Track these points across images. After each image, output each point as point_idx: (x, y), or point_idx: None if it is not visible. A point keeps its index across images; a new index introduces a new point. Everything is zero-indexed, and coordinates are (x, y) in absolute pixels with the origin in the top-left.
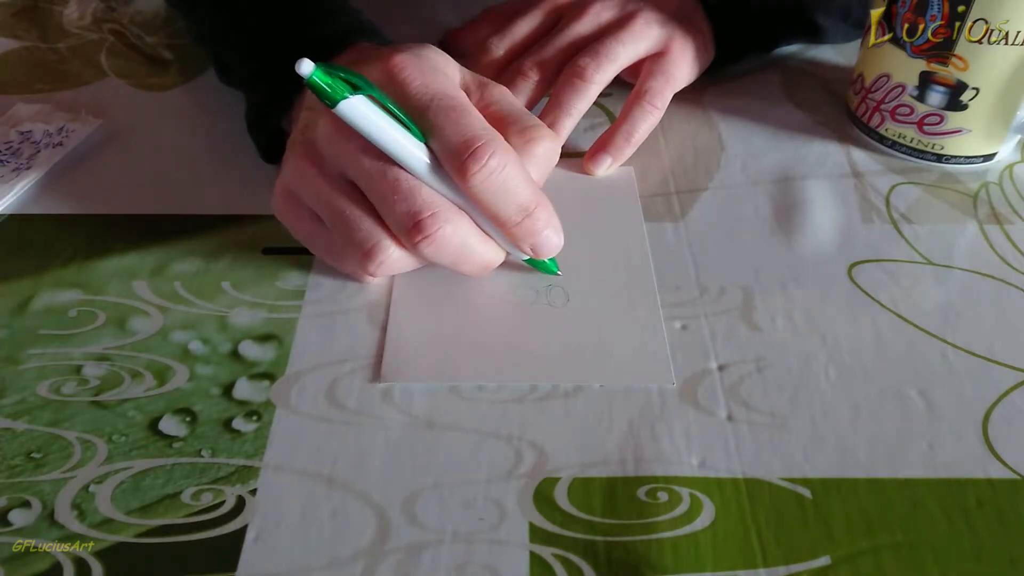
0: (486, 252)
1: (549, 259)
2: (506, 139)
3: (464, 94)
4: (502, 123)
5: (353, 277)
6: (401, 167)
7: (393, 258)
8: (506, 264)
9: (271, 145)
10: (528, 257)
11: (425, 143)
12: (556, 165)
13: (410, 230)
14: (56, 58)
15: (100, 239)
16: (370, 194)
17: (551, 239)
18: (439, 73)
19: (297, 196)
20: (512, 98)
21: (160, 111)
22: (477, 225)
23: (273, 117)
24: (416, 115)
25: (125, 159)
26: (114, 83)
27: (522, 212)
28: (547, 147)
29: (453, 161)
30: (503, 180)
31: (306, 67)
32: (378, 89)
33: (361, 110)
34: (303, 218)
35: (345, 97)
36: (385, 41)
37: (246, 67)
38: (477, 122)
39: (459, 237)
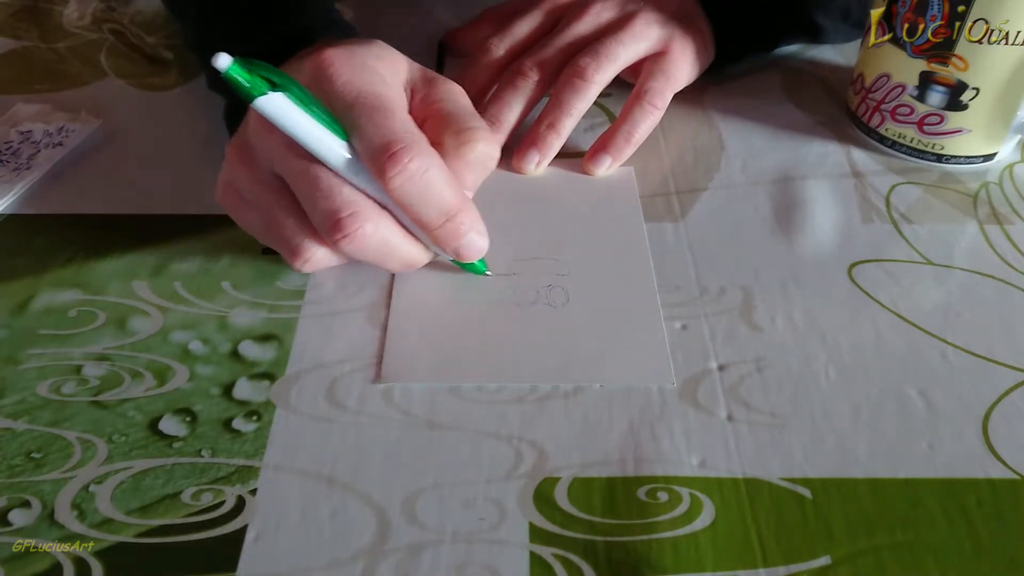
0: (409, 251)
1: (478, 261)
2: (443, 139)
3: (394, 93)
4: (443, 122)
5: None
6: (324, 165)
7: (317, 256)
8: (506, 263)
9: None
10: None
11: (348, 142)
12: (556, 165)
13: (329, 228)
14: (56, 58)
15: (100, 239)
16: (295, 190)
17: (475, 242)
18: (368, 70)
19: (234, 187)
20: (460, 97)
21: (160, 111)
22: (401, 224)
23: (241, 118)
24: (340, 113)
25: (125, 159)
26: (114, 83)
27: (443, 216)
28: (481, 150)
29: (373, 162)
30: (424, 184)
31: (223, 61)
32: (300, 86)
33: (279, 106)
34: (243, 209)
35: (263, 93)
36: (352, 35)
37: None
38: (400, 124)
39: (380, 235)
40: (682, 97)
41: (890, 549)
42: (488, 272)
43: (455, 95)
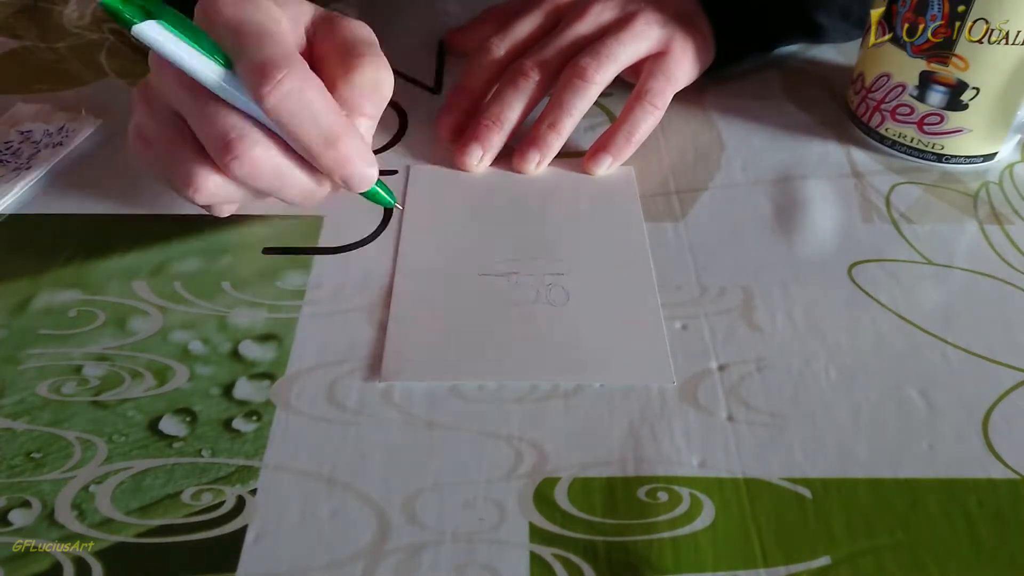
0: (304, 180)
1: (383, 189)
2: (335, 73)
3: (281, 28)
4: (341, 52)
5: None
6: (214, 94)
7: (210, 184)
8: (506, 262)
9: None
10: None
11: (232, 71)
12: (557, 165)
13: (220, 150)
14: (56, 58)
15: (100, 239)
16: (189, 121)
17: (363, 171)
18: (254, 6)
19: (142, 132)
20: (358, 30)
21: None
22: (295, 154)
23: None
24: (225, 44)
25: (125, 159)
26: (114, 83)
27: (323, 139)
28: (372, 76)
29: (249, 82)
30: (300, 104)
31: None
32: (179, 16)
33: (156, 34)
34: (147, 150)
35: (136, 22)
36: None
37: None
38: (278, 47)
39: (271, 160)
40: (682, 97)
41: (890, 549)
42: (398, 205)
43: (354, 29)
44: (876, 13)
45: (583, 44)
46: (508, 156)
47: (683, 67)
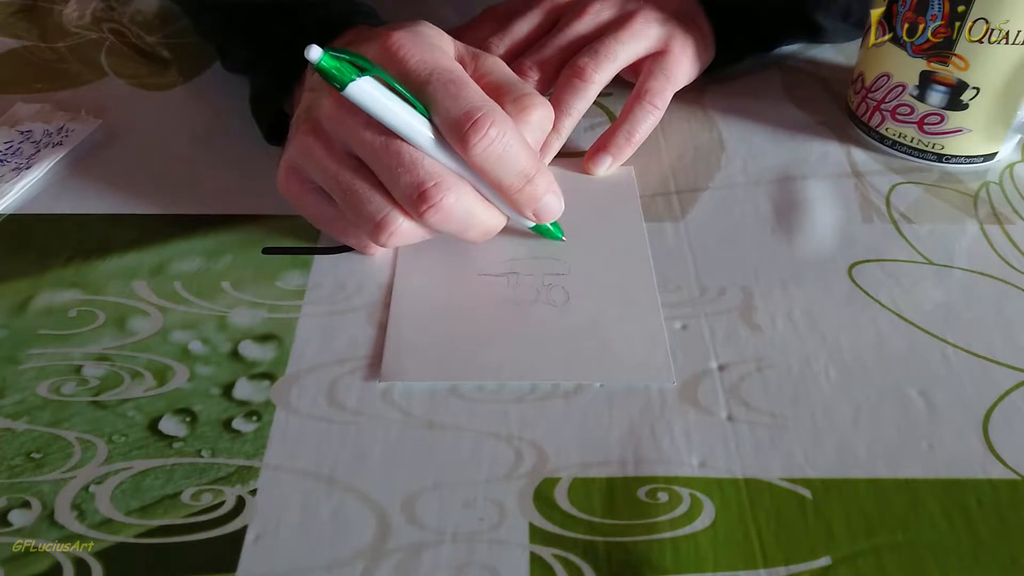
0: (489, 218)
1: (553, 225)
2: (503, 107)
3: (461, 67)
4: (496, 92)
5: (359, 250)
6: (403, 140)
7: (402, 229)
8: (506, 262)
9: (273, 127)
10: (532, 224)
11: (427, 117)
12: (556, 164)
13: (416, 200)
14: (56, 58)
15: (100, 239)
16: (375, 167)
17: (552, 204)
18: (436, 48)
19: (302, 173)
20: (505, 68)
21: (160, 111)
22: (479, 192)
23: (274, 99)
24: (416, 90)
25: (125, 159)
26: (114, 83)
27: (523, 178)
28: (541, 114)
29: (455, 132)
30: (503, 148)
31: (314, 53)
32: (381, 69)
33: (368, 91)
34: (308, 194)
35: (353, 79)
36: (380, 23)
37: (247, 52)
38: (476, 94)
39: (462, 205)
40: (682, 97)
41: (890, 549)
42: (563, 238)
43: (500, 66)
44: (876, 13)
45: (582, 44)
46: None
47: (683, 66)
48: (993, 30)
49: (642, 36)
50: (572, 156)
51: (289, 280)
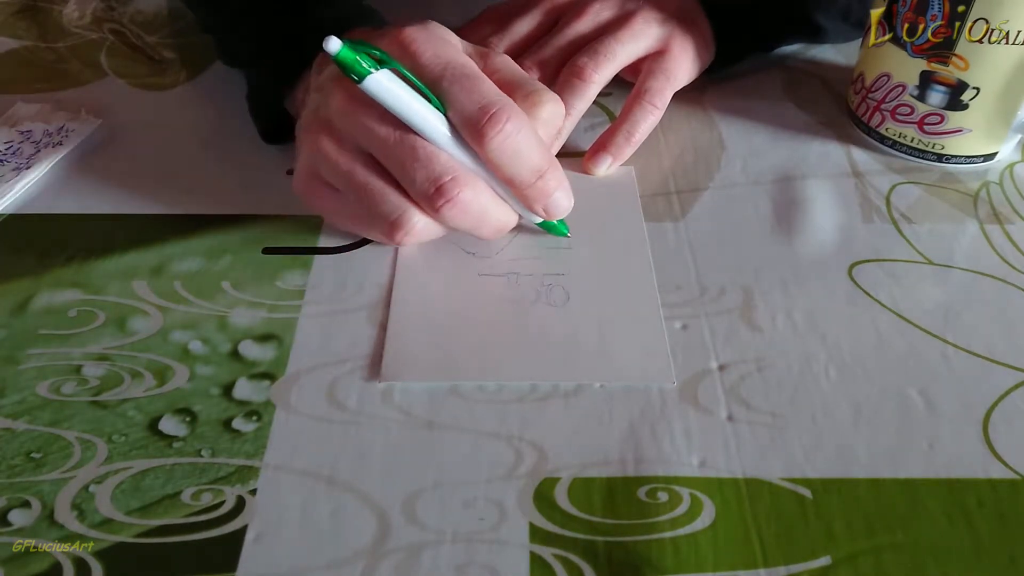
0: (501, 215)
1: (559, 221)
2: (515, 102)
3: (474, 65)
4: (508, 89)
5: (382, 242)
6: (417, 135)
7: (419, 226)
8: (506, 262)
9: (271, 126)
10: (540, 220)
11: (443, 112)
12: None
13: (432, 195)
14: (56, 58)
15: (100, 239)
16: (389, 163)
17: (562, 200)
18: (448, 43)
19: (317, 174)
20: (514, 65)
21: (160, 111)
22: (492, 189)
23: (274, 98)
24: (431, 85)
25: (125, 159)
26: (114, 83)
27: (535, 174)
28: (552, 110)
29: (471, 127)
30: (517, 143)
31: (334, 44)
32: (398, 63)
33: (386, 84)
34: (325, 195)
35: (371, 72)
36: (384, 25)
37: (248, 45)
38: (490, 89)
39: (478, 201)
40: (682, 97)
41: (890, 549)
42: (568, 234)
43: (509, 63)
44: (876, 13)
45: (582, 43)
46: None
47: (682, 66)
48: (993, 30)
49: (642, 36)
50: (572, 156)
51: (289, 280)
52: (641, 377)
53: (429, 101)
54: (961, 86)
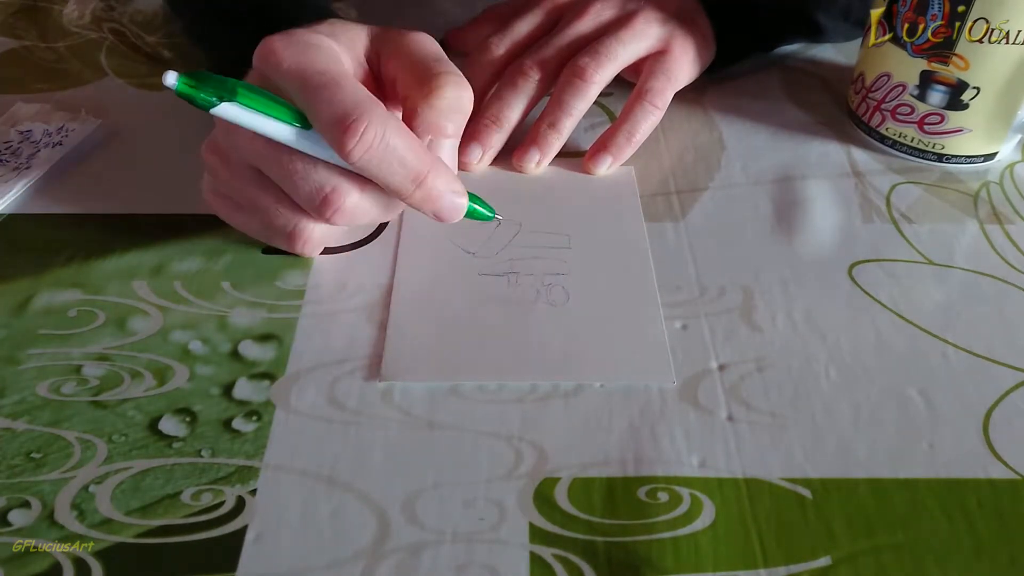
0: (400, 203)
1: (483, 203)
2: (414, 95)
3: (341, 67)
4: (410, 75)
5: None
6: (293, 149)
7: (316, 235)
8: (506, 262)
9: None
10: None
11: (309, 128)
12: (557, 164)
13: (319, 207)
14: (56, 58)
15: (100, 239)
16: (274, 179)
17: (453, 203)
18: (310, 49)
19: (220, 192)
20: (425, 45)
21: (160, 111)
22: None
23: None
24: (293, 96)
25: (125, 159)
26: (114, 83)
27: (412, 180)
28: (452, 95)
29: (331, 140)
30: (384, 151)
31: (170, 79)
32: (247, 86)
33: (233, 113)
34: (229, 209)
35: (214, 104)
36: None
37: (210, 61)
38: (350, 95)
39: (367, 203)
40: (682, 97)
41: (890, 549)
42: (497, 216)
43: (419, 44)
44: (876, 13)
45: (583, 43)
46: (508, 156)
47: (683, 66)
48: (993, 30)
49: (643, 36)
50: (572, 156)
51: (289, 280)
52: (641, 377)
53: (297, 116)
54: (961, 86)
